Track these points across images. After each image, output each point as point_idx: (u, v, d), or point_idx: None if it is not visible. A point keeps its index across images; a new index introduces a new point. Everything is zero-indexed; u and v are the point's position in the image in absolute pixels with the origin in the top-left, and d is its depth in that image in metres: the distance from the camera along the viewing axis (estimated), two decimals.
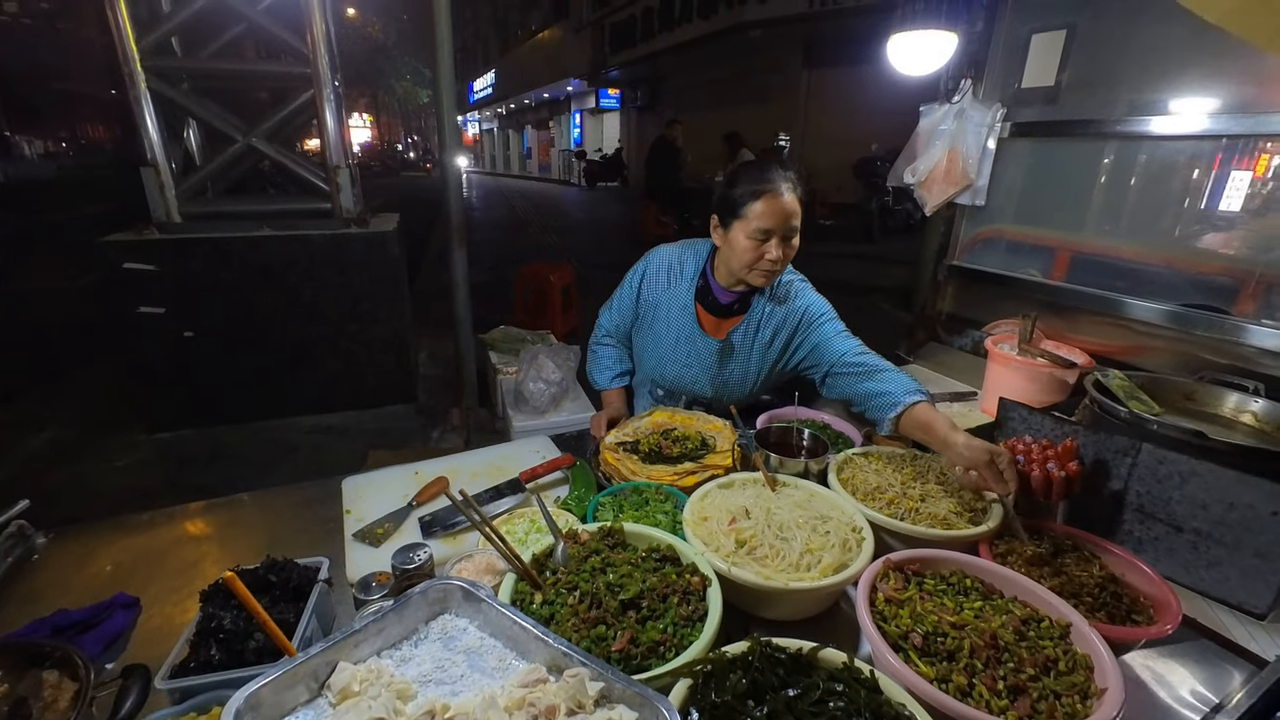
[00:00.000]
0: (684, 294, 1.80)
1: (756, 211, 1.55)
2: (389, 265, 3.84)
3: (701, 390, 1.85)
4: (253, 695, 0.69)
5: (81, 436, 3.68)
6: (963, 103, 2.20)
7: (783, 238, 1.58)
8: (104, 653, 1.06)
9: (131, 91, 3.25)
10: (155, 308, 3.37)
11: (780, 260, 1.59)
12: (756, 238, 1.57)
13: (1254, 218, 1.75)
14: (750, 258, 1.60)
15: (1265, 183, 1.72)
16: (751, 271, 1.63)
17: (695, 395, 1.88)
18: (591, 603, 0.96)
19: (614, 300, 1.95)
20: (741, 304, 1.76)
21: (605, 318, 1.98)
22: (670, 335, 1.81)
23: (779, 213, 1.54)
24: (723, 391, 1.84)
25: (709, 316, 1.80)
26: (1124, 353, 1.95)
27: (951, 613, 0.98)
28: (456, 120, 3.16)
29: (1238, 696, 0.99)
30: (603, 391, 1.97)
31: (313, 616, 0.98)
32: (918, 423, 1.42)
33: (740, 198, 1.58)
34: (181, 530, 1.43)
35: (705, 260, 1.80)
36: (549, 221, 13.99)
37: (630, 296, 1.88)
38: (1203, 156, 1.80)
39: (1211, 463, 1.18)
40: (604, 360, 1.98)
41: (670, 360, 1.83)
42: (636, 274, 1.88)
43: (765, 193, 1.54)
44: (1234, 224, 1.78)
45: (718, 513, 1.20)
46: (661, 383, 1.90)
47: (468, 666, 0.82)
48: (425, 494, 1.46)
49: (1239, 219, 1.77)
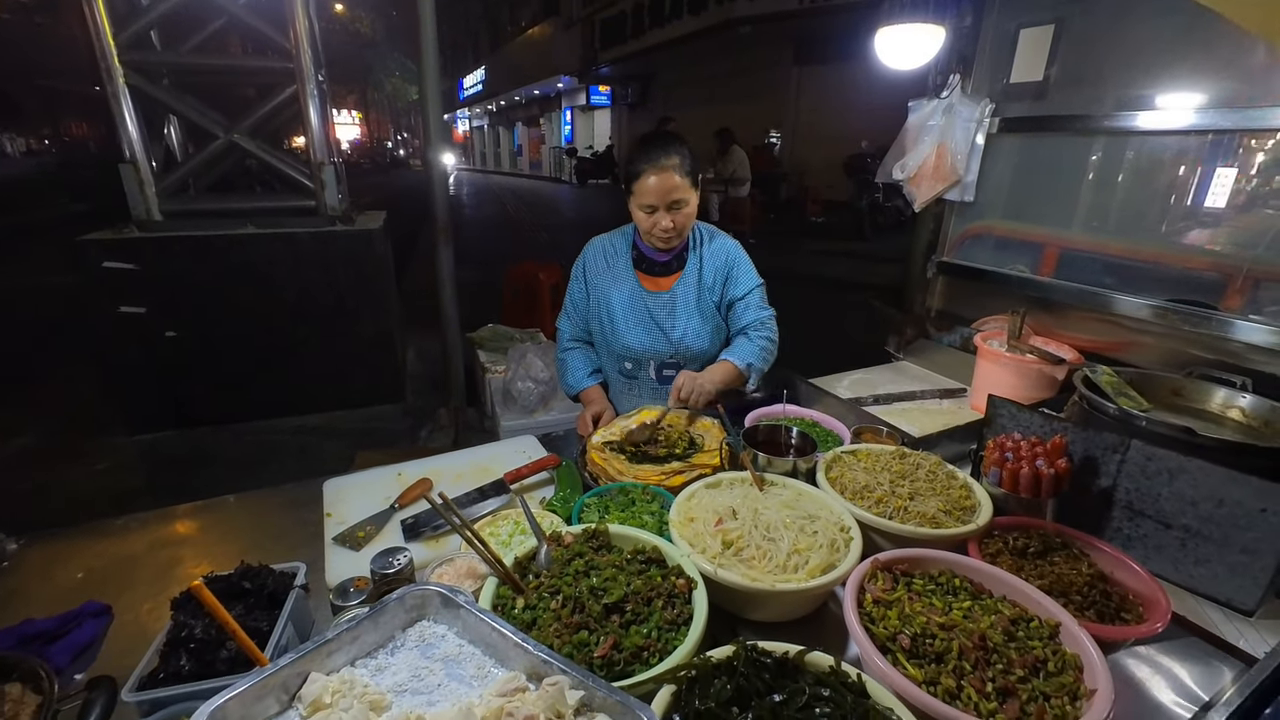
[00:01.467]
0: (624, 267, 1.93)
1: (641, 189, 1.70)
2: (375, 263, 3.80)
3: (661, 349, 1.90)
4: (217, 710, 0.66)
5: (60, 439, 3.62)
6: (951, 98, 2.19)
7: (668, 209, 1.72)
8: (73, 663, 1.03)
9: (109, 87, 3.18)
10: (136, 307, 3.31)
11: (673, 229, 1.75)
12: (646, 210, 1.73)
13: (1241, 213, 1.75)
14: (646, 226, 1.77)
15: (1251, 179, 1.72)
16: (651, 238, 1.80)
17: (660, 359, 1.92)
18: (574, 607, 0.94)
19: (567, 303, 2.03)
20: (677, 261, 1.90)
21: (564, 324, 2.05)
22: (622, 305, 1.90)
23: (658, 190, 1.68)
24: (683, 347, 1.89)
25: (650, 278, 1.92)
26: (1113, 348, 1.95)
27: (940, 613, 0.96)
28: (441, 113, 3.12)
29: (1228, 694, 0.99)
30: (581, 393, 1.95)
31: (288, 624, 0.95)
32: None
33: (631, 174, 1.73)
34: (157, 535, 1.40)
35: (633, 234, 1.93)
36: (540, 219, 13.92)
37: (580, 290, 1.98)
38: (1190, 152, 1.80)
39: (1200, 459, 1.17)
40: (573, 365, 2.00)
41: (626, 328, 1.90)
42: (579, 267, 1.99)
43: (643, 172, 1.69)
44: (1221, 219, 1.78)
45: (704, 513, 1.18)
46: (626, 354, 1.94)
47: (445, 675, 0.79)
48: (408, 496, 1.43)
49: (1226, 214, 1.77)
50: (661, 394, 1.93)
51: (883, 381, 2.27)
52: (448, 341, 3.48)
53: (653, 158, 1.68)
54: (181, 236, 3.39)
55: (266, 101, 3.64)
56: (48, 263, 7.42)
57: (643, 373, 1.94)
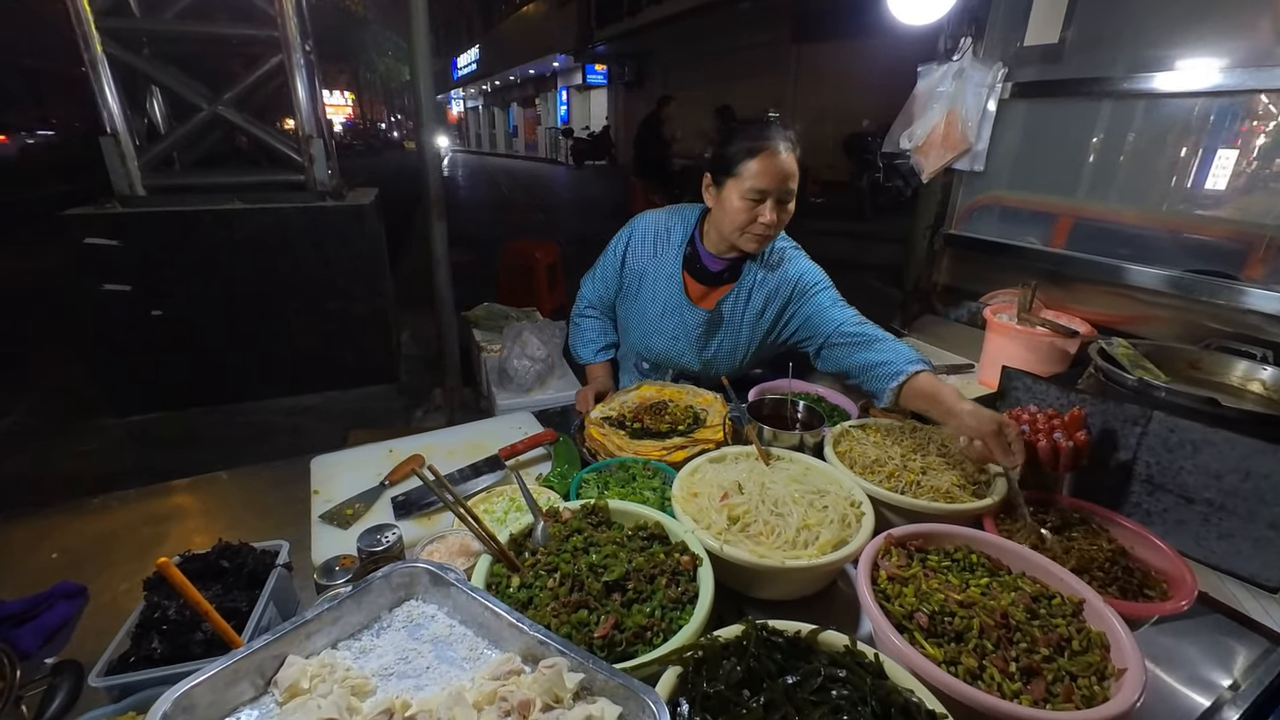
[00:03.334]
0: (671, 262, 1.70)
1: (752, 170, 1.45)
2: (367, 240, 3.70)
3: (689, 363, 1.77)
4: (183, 696, 0.61)
5: (47, 421, 3.54)
6: (962, 62, 2.11)
7: (778, 200, 1.49)
8: (44, 646, 0.98)
9: (86, 55, 3.06)
10: (120, 285, 3.22)
11: (774, 224, 1.50)
12: (751, 198, 1.47)
13: (1264, 178, 1.68)
14: (743, 220, 1.50)
15: (1277, 141, 1.65)
16: (743, 235, 1.54)
17: (682, 368, 1.80)
18: (572, 585, 0.88)
19: (597, 269, 1.85)
20: (731, 272, 1.67)
21: (588, 287, 1.88)
22: (656, 306, 1.72)
23: (775, 172, 1.45)
24: (711, 365, 1.76)
25: (697, 285, 1.70)
26: (1127, 322, 1.89)
27: (958, 590, 0.92)
28: (432, 85, 3.01)
29: (1257, 673, 0.94)
30: (587, 366, 1.88)
31: (269, 604, 0.90)
32: (921, 392, 1.34)
33: (735, 155, 1.48)
34: (137, 514, 1.34)
35: (694, 226, 1.71)
36: (536, 200, 13.74)
37: (614, 265, 1.79)
38: (1212, 114, 1.73)
39: (1226, 431, 1.12)
40: (588, 333, 1.89)
41: (656, 332, 1.75)
42: (621, 241, 1.78)
43: (762, 150, 1.44)
44: (1243, 185, 1.71)
45: (709, 488, 1.13)
46: (647, 356, 1.82)
47: (435, 657, 0.74)
48: (398, 473, 1.38)
49: (1248, 180, 1.70)
50: None
51: None
52: (442, 319, 3.40)
53: (769, 136, 1.45)
54: (166, 212, 3.29)
55: (251, 72, 3.51)
56: (33, 243, 7.27)
57: (659, 375, 1.84)
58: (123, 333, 3.35)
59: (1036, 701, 0.76)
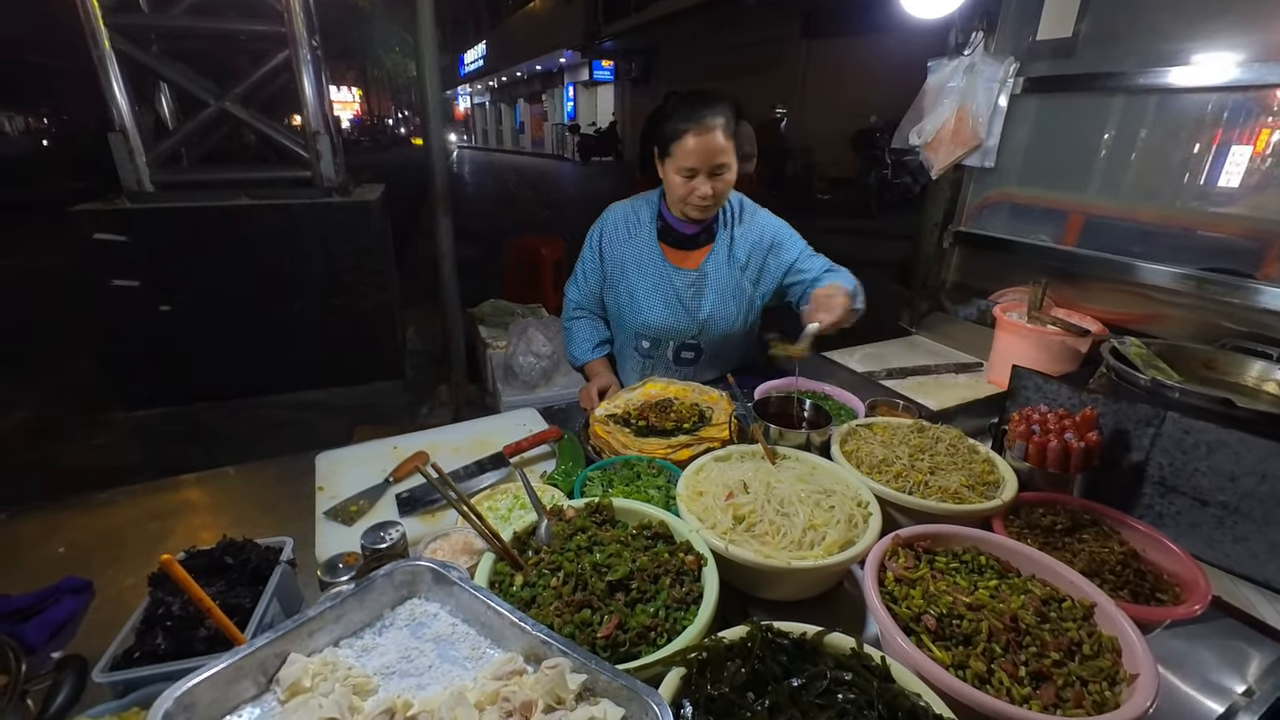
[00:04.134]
0: (647, 239, 1.79)
1: (682, 150, 1.55)
2: (373, 236, 3.70)
3: (686, 330, 1.80)
4: (185, 694, 0.60)
5: (56, 416, 3.57)
6: (973, 57, 2.08)
7: (710, 175, 1.57)
8: (50, 641, 0.98)
9: (95, 51, 3.07)
10: (129, 281, 3.23)
11: (711, 196, 1.60)
12: (684, 175, 1.58)
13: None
14: (682, 193, 1.62)
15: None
16: (687, 206, 1.65)
17: (681, 339, 1.82)
18: (576, 584, 0.88)
19: (577, 270, 1.91)
20: (706, 234, 1.77)
21: (573, 292, 1.93)
22: (644, 282, 1.78)
23: (703, 151, 1.53)
24: (708, 329, 1.79)
25: (676, 251, 1.79)
26: (1139, 321, 1.86)
27: (966, 592, 0.90)
28: (439, 80, 3.00)
29: (1272, 679, 0.93)
30: (586, 365, 1.88)
31: (273, 601, 0.90)
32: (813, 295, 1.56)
33: (669, 134, 1.57)
34: (144, 508, 1.34)
35: (659, 202, 1.80)
36: (542, 196, 13.75)
37: (593, 259, 1.85)
38: (1228, 109, 1.69)
39: (1242, 432, 1.10)
40: (580, 335, 1.91)
41: (648, 306, 1.79)
42: (594, 234, 1.86)
43: (689, 130, 1.53)
44: (1261, 181, 1.68)
45: (714, 487, 1.12)
46: (645, 332, 1.84)
47: (437, 656, 0.74)
48: (403, 470, 1.38)
49: (1267, 176, 1.67)
50: (678, 374, 1.84)
51: (895, 355, 2.19)
52: (448, 315, 3.40)
53: (697, 115, 1.52)
54: (173, 208, 3.30)
55: (258, 68, 3.52)
56: (44, 239, 7.34)
57: (660, 352, 1.85)
58: (131, 328, 3.37)
59: (1046, 707, 0.75)
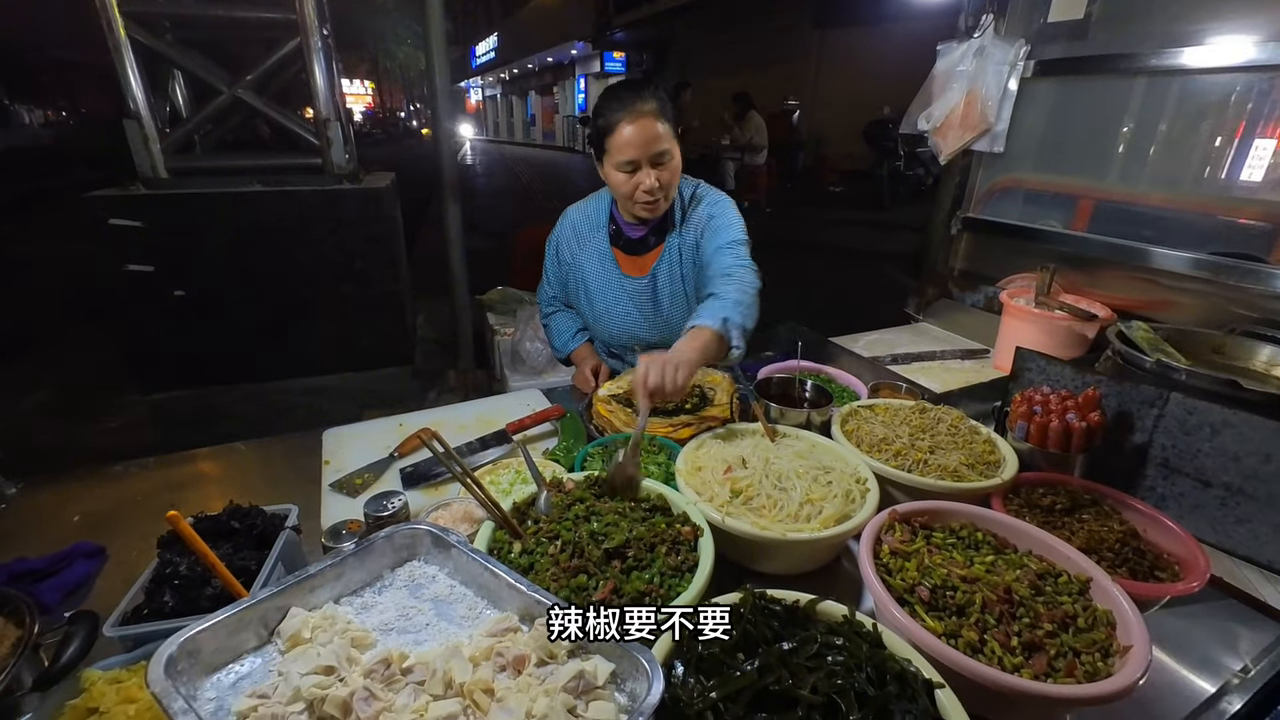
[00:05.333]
0: (600, 244, 1.71)
1: (617, 143, 1.44)
2: (384, 223, 3.73)
3: (646, 336, 1.73)
4: (189, 640, 0.62)
5: (74, 398, 3.64)
6: (983, 40, 2.05)
7: (652, 164, 1.46)
8: (63, 601, 1.01)
9: (110, 39, 3.11)
10: (143, 266, 3.28)
11: (658, 189, 1.48)
12: (625, 170, 1.46)
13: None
14: (627, 190, 1.50)
15: None
16: (634, 204, 1.53)
17: (645, 343, 1.75)
18: (573, 552, 0.89)
19: (545, 272, 1.88)
20: (657, 235, 1.65)
21: (543, 292, 1.91)
22: (599, 289, 1.72)
23: (639, 140, 1.42)
24: (669, 332, 1.70)
25: (627, 257, 1.69)
26: (1148, 306, 1.84)
27: (962, 566, 0.91)
28: (447, 66, 3.02)
29: (1269, 658, 0.92)
30: (572, 353, 1.87)
31: (277, 564, 0.92)
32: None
33: (602, 130, 1.46)
34: (156, 481, 1.38)
35: (611, 203, 1.70)
36: (553, 188, 13.73)
37: (553, 264, 1.82)
38: (1244, 90, 1.66)
39: (1247, 413, 1.09)
40: (559, 327, 1.89)
41: (605, 316, 1.74)
42: (552, 241, 1.80)
43: (617, 122, 1.42)
44: (1276, 164, 1.65)
45: (713, 462, 1.13)
46: (609, 340, 1.80)
47: (434, 615, 0.75)
48: (408, 445, 1.40)
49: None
50: None
51: (902, 341, 2.18)
52: (456, 302, 3.43)
53: (625, 103, 1.42)
54: (187, 194, 3.34)
55: (269, 55, 3.54)
56: (63, 227, 7.46)
57: (630, 356, 1.82)
58: (146, 312, 3.43)
59: (1037, 675, 0.75)
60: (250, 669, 0.67)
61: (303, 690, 0.59)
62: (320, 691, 0.59)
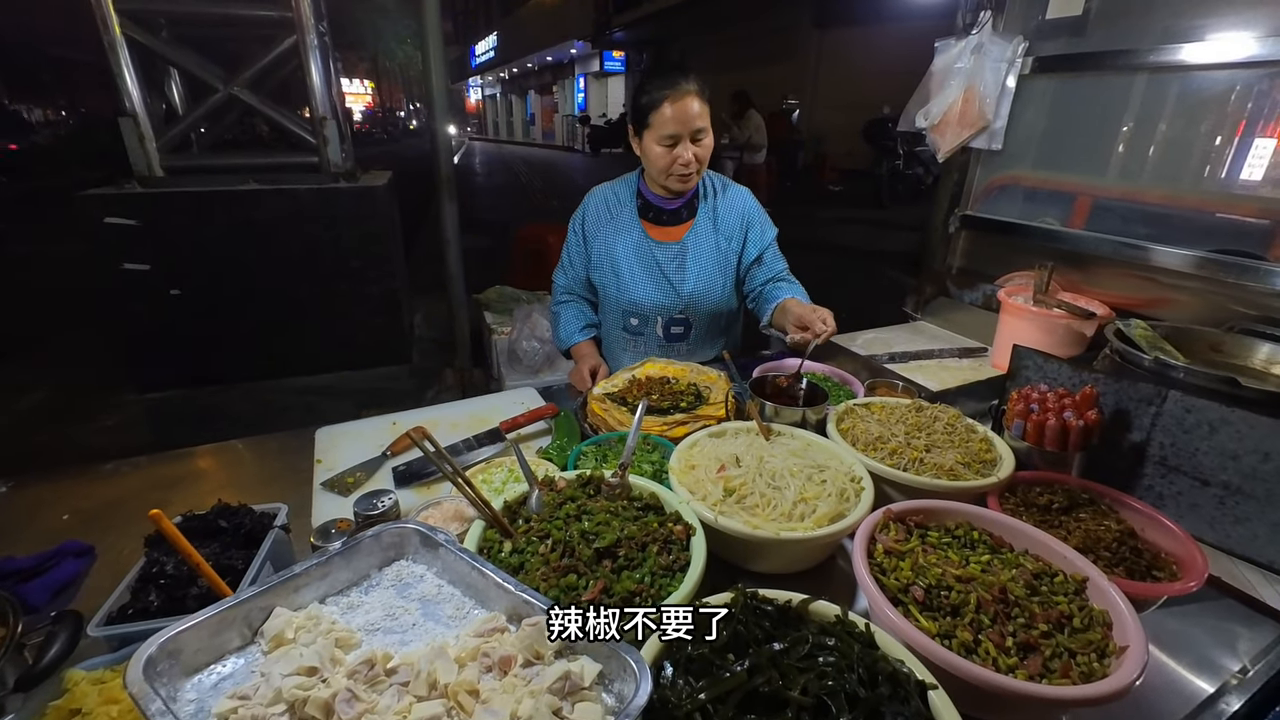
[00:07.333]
0: (629, 218, 1.83)
1: (662, 118, 1.59)
2: (380, 221, 3.72)
3: (672, 304, 1.82)
4: (170, 640, 0.61)
5: (69, 398, 3.63)
6: (981, 36, 2.04)
7: (691, 139, 1.62)
8: (51, 600, 1.00)
9: (105, 37, 3.10)
10: (139, 264, 3.27)
11: (693, 162, 1.64)
12: (666, 144, 1.62)
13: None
14: (665, 164, 1.65)
15: None
16: (670, 177, 1.68)
17: (668, 314, 1.83)
18: (564, 551, 0.88)
19: (564, 256, 1.95)
20: (688, 209, 1.81)
21: (560, 277, 1.97)
22: (628, 259, 1.81)
23: (683, 116, 1.58)
24: (694, 303, 1.82)
25: (658, 228, 1.82)
26: (1146, 305, 1.83)
27: (957, 566, 0.90)
28: (444, 62, 3.00)
29: (1267, 659, 0.91)
30: (574, 347, 1.89)
31: (265, 563, 0.91)
32: (781, 307, 1.69)
33: (646, 106, 1.61)
34: (146, 480, 1.37)
35: (638, 180, 1.84)
36: (552, 188, 13.73)
37: (578, 243, 1.89)
38: (1244, 86, 1.65)
39: (1246, 411, 1.08)
40: (567, 318, 1.92)
41: (633, 282, 1.82)
42: (577, 219, 1.90)
43: (666, 98, 1.57)
44: (1276, 163, 1.64)
45: (706, 461, 1.12)
46: (632, 309, 1.86)
47: (422, 615, 0.74)
48: (400, 444, 1.38)
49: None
50: (667, 351, 1.85)
51: (899, 340, 2.17)
52: (453, 299, 3.42)
53: (671, 82, 1.57)
54: (183, 192, 3.34)
55: (266, 53, 3.53)
56: (60, 227, 7.45)
57: (649, 329, 1.86)
58: (142, 311, 3.42)
59: (1032, 676, 0.74)
60: (233, 670, 0.66)
61: (284, 691, 0.58)
62: (302, 693, 0.58)
